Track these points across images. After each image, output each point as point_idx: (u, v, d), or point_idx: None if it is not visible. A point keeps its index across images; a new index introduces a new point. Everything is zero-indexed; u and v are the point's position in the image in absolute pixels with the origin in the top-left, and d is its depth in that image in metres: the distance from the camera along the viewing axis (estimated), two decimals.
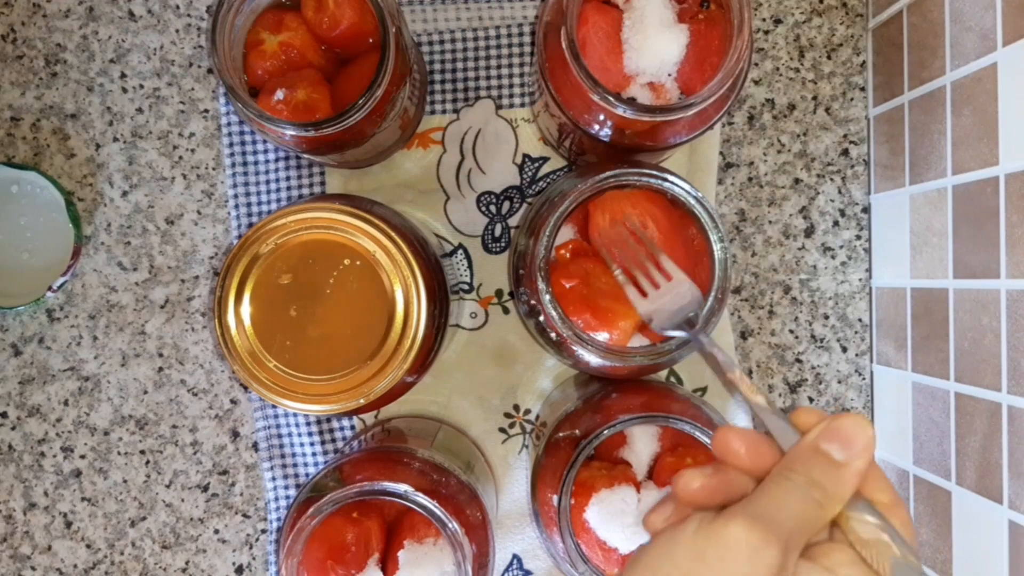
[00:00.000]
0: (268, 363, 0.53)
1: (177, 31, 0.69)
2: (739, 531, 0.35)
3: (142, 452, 0.70)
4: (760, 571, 0.34)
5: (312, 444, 0.68)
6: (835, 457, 0.37)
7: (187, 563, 0.70)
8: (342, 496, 0.52)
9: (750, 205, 0.70)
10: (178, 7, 0.69)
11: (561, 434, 0.57)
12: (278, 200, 0.68)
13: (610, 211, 0.54)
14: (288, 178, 0.68)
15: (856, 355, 0.70)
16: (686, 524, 0.36)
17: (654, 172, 0.54)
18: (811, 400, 0.70)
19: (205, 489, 0.70)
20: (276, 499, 0.69)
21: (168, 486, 0.70)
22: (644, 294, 0.52)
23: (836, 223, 0.70)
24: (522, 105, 0.68)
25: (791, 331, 0.70)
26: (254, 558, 0.70)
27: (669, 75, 0.54)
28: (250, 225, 0.68)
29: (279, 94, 0.55)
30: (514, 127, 0.68)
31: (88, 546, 0.70)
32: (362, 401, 0.53)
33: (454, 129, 0.68)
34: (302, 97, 0.56)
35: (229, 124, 0.68)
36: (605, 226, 0.54)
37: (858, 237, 0.70)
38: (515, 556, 0.68)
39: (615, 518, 0.53)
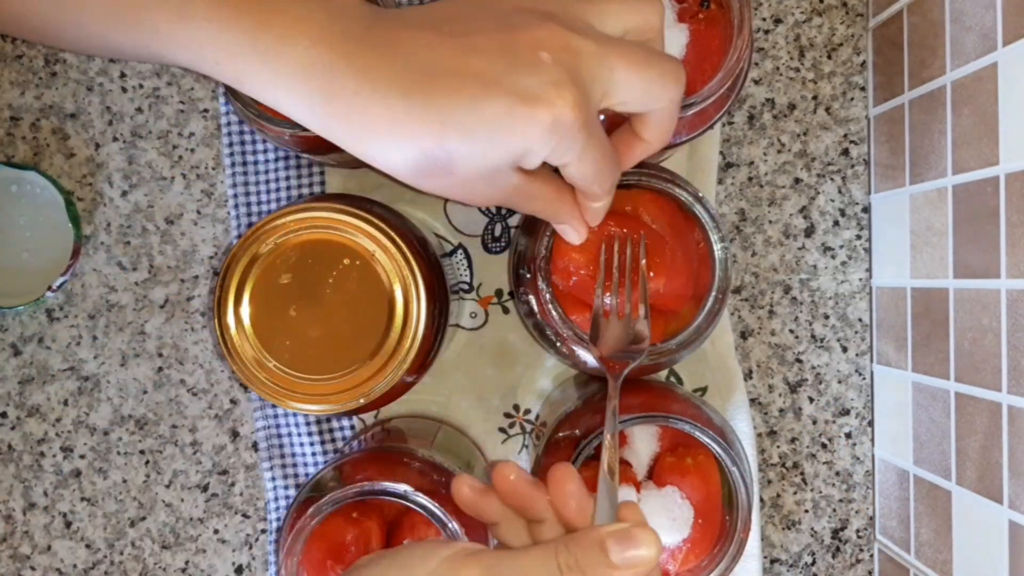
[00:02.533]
0: (268, 363, 0.53)
1: None
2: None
3: (142, 452, 0.70)
4: None
5: (312, 444, 0.68)
6: (611, 558, 0.39)
7: (187, 563, 0.70)
8: (342, 496, 0.52)
9: (750, 205, 0.70)
10: None
11: (561, 434, 0.57)
12: (278, 200, 0.68)
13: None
14: (288, 178, 0.68)
15: (856, 355, 0.70)
16: (443, 547, 0.40)
17: (654, 172, 0.54)
18: (811, 400, 0.70)
19: (205, 489, 0.70)
20: (276, 499, 0.69)
21: (168, 486, 0.70)
22: (607, 315, 0.52)
23: (836, 223, 0.70)
24: None
25: (791, 331, 0.70)
26: (254, 558, 0.70)
27: None
28: (250, 225, 0.68)
29: None
30: None
31: (88, 546, 0.70)
32: (362, 401, 0.53)
33: None
34: None
35: (229, 124, 0.67)
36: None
37: (858, 237, 0.70)
38: None
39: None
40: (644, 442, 0.57)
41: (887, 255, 0.68)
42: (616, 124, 0.49)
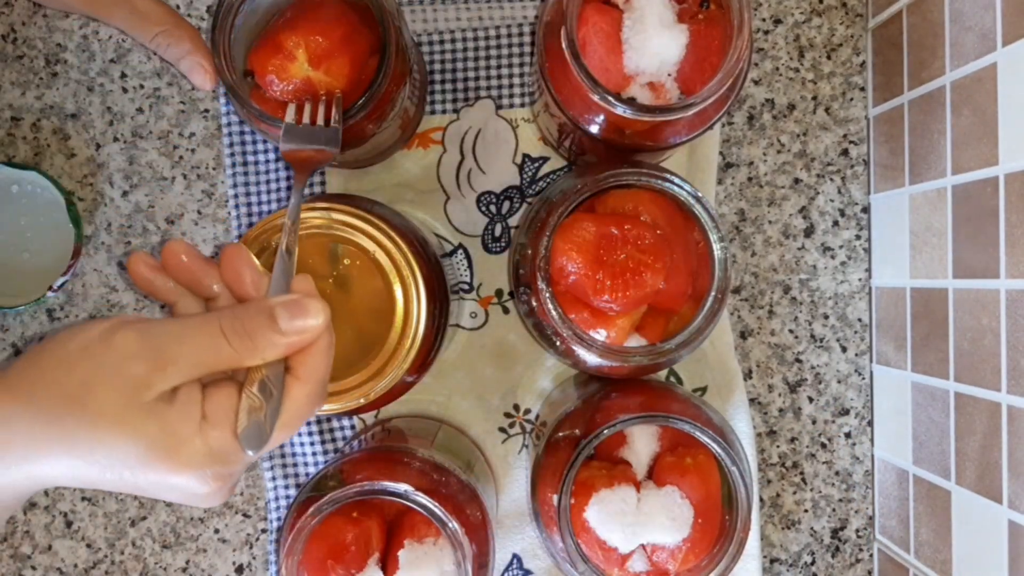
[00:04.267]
0: None
1: None
2: (124, 340, 0.39)
3: None
4: (121, 378, 0.38)
5: (312, 444, 0.68)
6: (280, 325, 0.41)
7: (187, 563, 0.70)
8: (342, 496, 0.52)
9: (750, 205, 0.70)
10: (178, 7, 0.69)
11: (561, 434, 0.58)
12: (278, 200, 0.68)
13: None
14: (288, 178, 0.68)
15: (856, 355, 0.70)
16: (107, 320, 0.40)
17: (654, 172, 0.54)
18: (811, 400, 0.70)
19: None
20: (276, 499, 0.69)
21: None
22: (298, 121, 0.53)
23: (836, 223, 0.70)
24: (522, 105, 0.68)
25: (791, 331, 0.70)
26: (254, 558, 0.70)
27: (669, 75, 0.54)
28: (250, 225, 0.68)
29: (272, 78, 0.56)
30: (514, 127, 0.68)
31: (88, 546, 0.70)
32: (362, 401, 0.53)
33: (454, 129, 0.68)
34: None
35: (229, 124, 0.68)
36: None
37: (858, 237, 0.70)
38: (515, 556, 0.68)
39: (615, 518, 0.53)
40: (644, 442, 0.57)
41: (886, 255, 0.68)
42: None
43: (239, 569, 0.70)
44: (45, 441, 0.38)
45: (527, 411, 0.69)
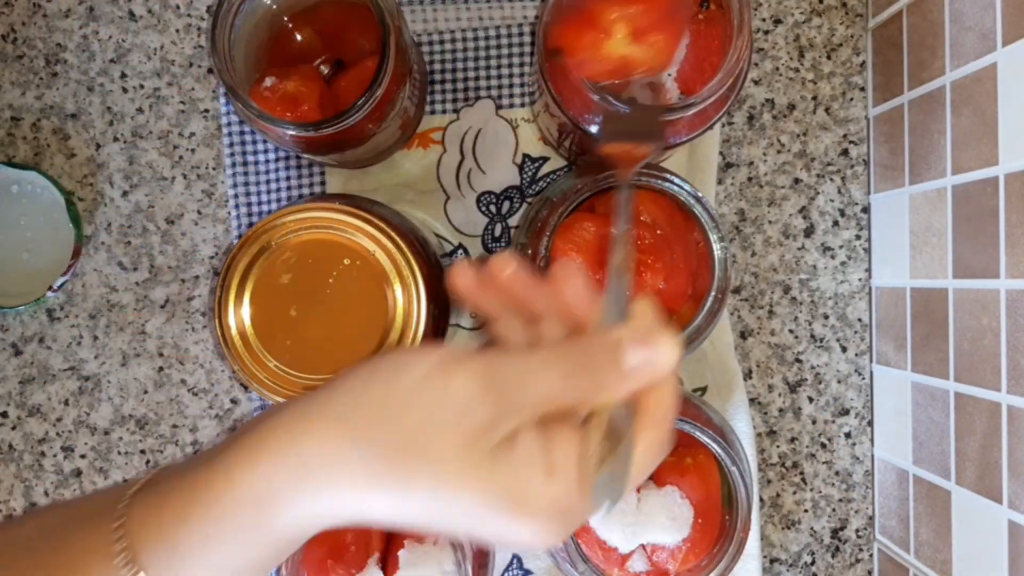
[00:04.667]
0: (268, 363, 0.53)
1: (177, 31, 0.69)
2: (464, 382, 0.35)
3: (142, 452, 0.70)
4: (464, 423, 0.34)
5: None
6: (627, 361, 0.36)
7: None
8: None
9: (750, 205, 0.70)
10: (178, 7, 0.69)
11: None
12: (278, 200, 0.68)
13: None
14: (288, 178, 0.68)
15: (856, 355, 0.70)
16: (429, 353, 0.36)
17: (654, 172, 0.54)
18: (811, 400, 0.70)
19: None
20: None
21: None
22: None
23: (836, 223, 0.70)
24: (522, 105, 0.68)
25: (791, 331, 0.70)
26: None
27: (669, 75, 0.54)
28: (250, 225, 0.68)
29: (268, 81, 0.56)
30: (514, 127, 0.68)
31: None
32: None
33: (454, 129, 0.68)
34: (291, 88, 0.56)
35: (229, 124, 0.68)
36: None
37: (858, 237, 0.70)
38: (515, 556, 0.68)
39: (615, 518, 0.53)
40: None
41: (886, 255, 0.68)
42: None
43: None
44: (375, 478, 0.35)
45: None
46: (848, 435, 0.70)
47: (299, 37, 0.59)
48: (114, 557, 0.35)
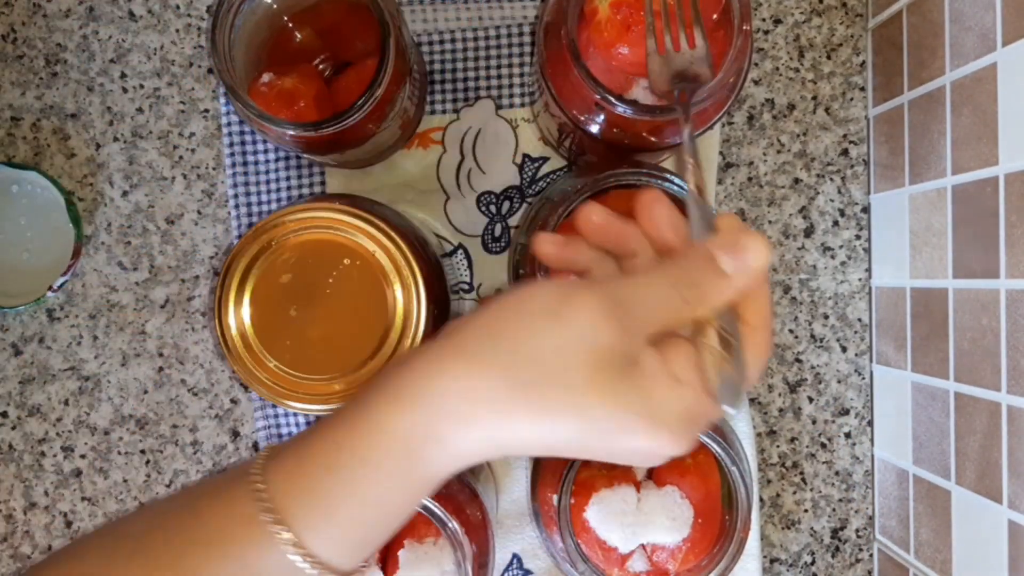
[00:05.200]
0: (268, 363, 0.53)
1: (177, 31, 0.69)
2: (589, 305, 0.37)
3: (142, 452, 0.70)
4: (593, 344, 0.36)
5: None
6: (723, 268, 0.38)
7: None
8: None
9: (750, 205, 0.70)
10: (178, 7, 0.69)
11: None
12: (278, 200, 0.68)
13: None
14: (288, 178, 0.68)
15: (856, 355, 0.70)
16: (555, 284, 0.39)
17: (654, 172, 0.54)
18: (811, 400, 0.70)
19: None
20: None
21: (168, 486, 0.70)
22: (662, 50, 0.50)
23: (836, 223, 0.70)
24: (522, 105, 0.68)
25: (791, 331, 0.70)
26: None
27: None
28: (250, 225, 0.68)
29: (265, 77, 0.56)
30: (514, 127, 0.68)
31: None
32: None
33: (454, 129, 0.68)
34: (288, 85, 0.56)
35: (229, 124, 0.68)
36: None
37: (858, 237, 0.70)
38: (515, 556, 0.68)
39: (615, 518, 0.53)
40: None
41: (886, 255, 0.68)
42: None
43: None
44: (515, 408, 0.36)
45: None
46: (848, 435, 0.70)
47: (299, 37, 0.59)
48: (258, 515, 0.37)
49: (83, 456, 0.69)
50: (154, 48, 0.69)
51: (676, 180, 0.54)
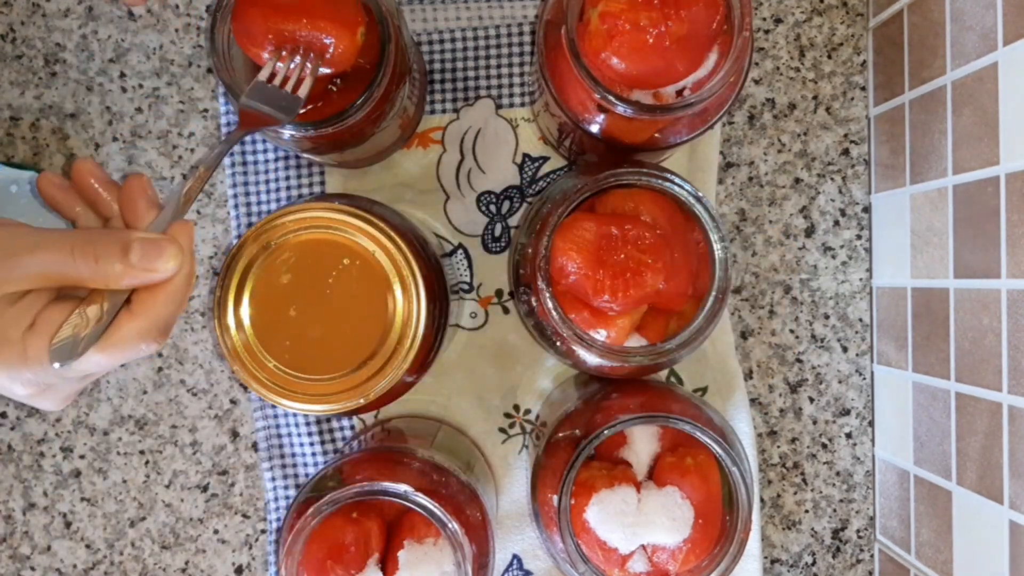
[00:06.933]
0: (268, 363, 0.53)
1: (177, 31, 0.69)
2: None
3: (141, 452, 0.70)
4: None
5: (312, 444, 0.68)
6: (130, 257, 0.42)
7: (187, 563, 0.70)
8: (342, 496, 0.52)
9: (750, 205, 0.70)
10: (178, 7, 0.69)
11: (561, 434, 0.57)
12: (278, 200, 0.68)
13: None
14: (288, 178, 0.68)
15: (856, 355, 0.70)
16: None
17: (654, 172, 0.54)
18: (811, 400, 0.70)
19: (205, 489, 0.70)
20: (276, 499, 0.68)
21: (168, 486, 0.70)
22: (271, 79, 0.53)
23: (836, 223, 0.70)
24: (522, 105, 0.68)
25: (791, 331, 0.70)
26: (254, 558, 0.70)
27: None
28: (250, 225, 0.68)
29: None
30: (514, 127, 0.68)
31: (88, 546, 0.70)
32: (362, 401, 0.53)
33: (454, 129, 0.68)
34: None
35: (229, 124, 0.67)
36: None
37: (858, 237, 0.70)
38: (515, 556, 0.68)
39: (615, 518, 0.53)
40: (644, 442, 0.57)
41: (887, 255, 0.68)
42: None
43: (238, 570, 0.70)
44: None
45: (527, 411, 0.69)
46: (849, 435, 0.70)
47: None
48: None
49: (82, 456, 0.69)
50: (153, 48, 0.69)
51: (676, 180, 0.54)
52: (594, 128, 0.55)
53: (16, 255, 0.42)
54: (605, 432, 0.53)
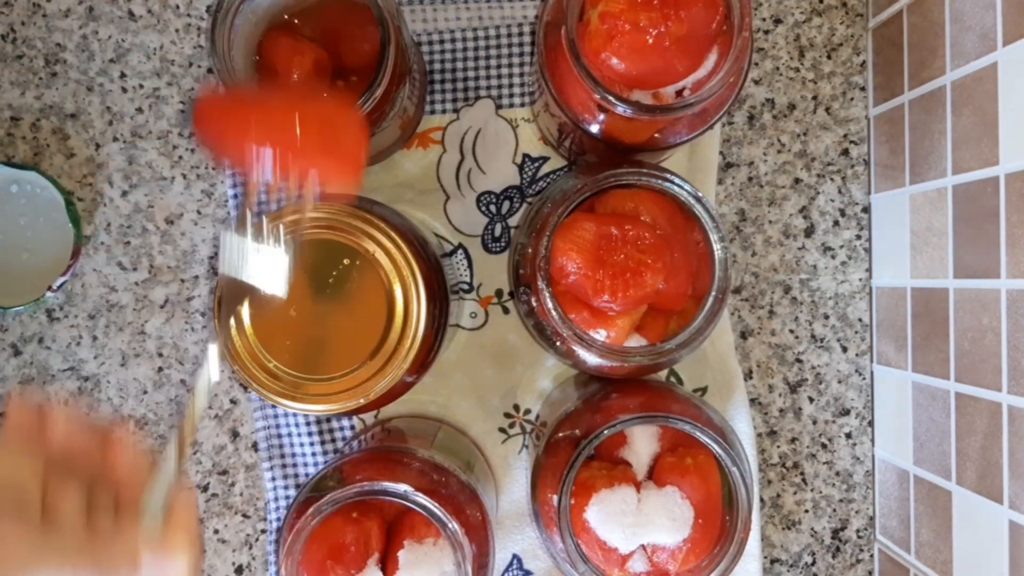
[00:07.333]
0: (268, 363, 0.53)
1: (177, 31, 0.69)
2: None
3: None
4: None
5: (312, 444, 0.68)
6: (139, 570, 0.39)
7: None
8: (342, 496, 0.52)
9: (750, 205, 0.70)
10: (178, 7, 0.69)
11: (561, 434, 0.57)
12: (278, 200, 0.68)
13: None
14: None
15: (856, 355, 0.70)
16: None
17: (654, 172, 0.54)
18: (811, 400, 0.70)
19: (205, 489, 0.70)
20: (276, 499, 0.69)
21: None
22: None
23: (836, 223, 0.70)
24: (522, 105, 0.68)
25: (791, 331, 0.70)
26: (254, 558, 0.70)
27: None
28: None
29: None
30: (514, 127, 0.68)
31: None
32: (362, 401, 0.53)
33: (454, 129, 0.68)
34: None
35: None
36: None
37: (858, 237, 0.70)
38: (515, 556, 0.68)
39: (615, 518, 0.53)
40: (644, 442, 0.57)
41: (887, 255, 0.68)
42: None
43: (238, 570, 0.70)
44: None
45: (527, 411, 0.69)
46: (849, 435, 0.70)
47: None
48: None
49: None
50: (154, 48, 0.69)
51: (676, 180, 0.54)
52: (594, 128, 0.55)
53: (22, 563, 0.37)
54: (605, 432, 0.53)
